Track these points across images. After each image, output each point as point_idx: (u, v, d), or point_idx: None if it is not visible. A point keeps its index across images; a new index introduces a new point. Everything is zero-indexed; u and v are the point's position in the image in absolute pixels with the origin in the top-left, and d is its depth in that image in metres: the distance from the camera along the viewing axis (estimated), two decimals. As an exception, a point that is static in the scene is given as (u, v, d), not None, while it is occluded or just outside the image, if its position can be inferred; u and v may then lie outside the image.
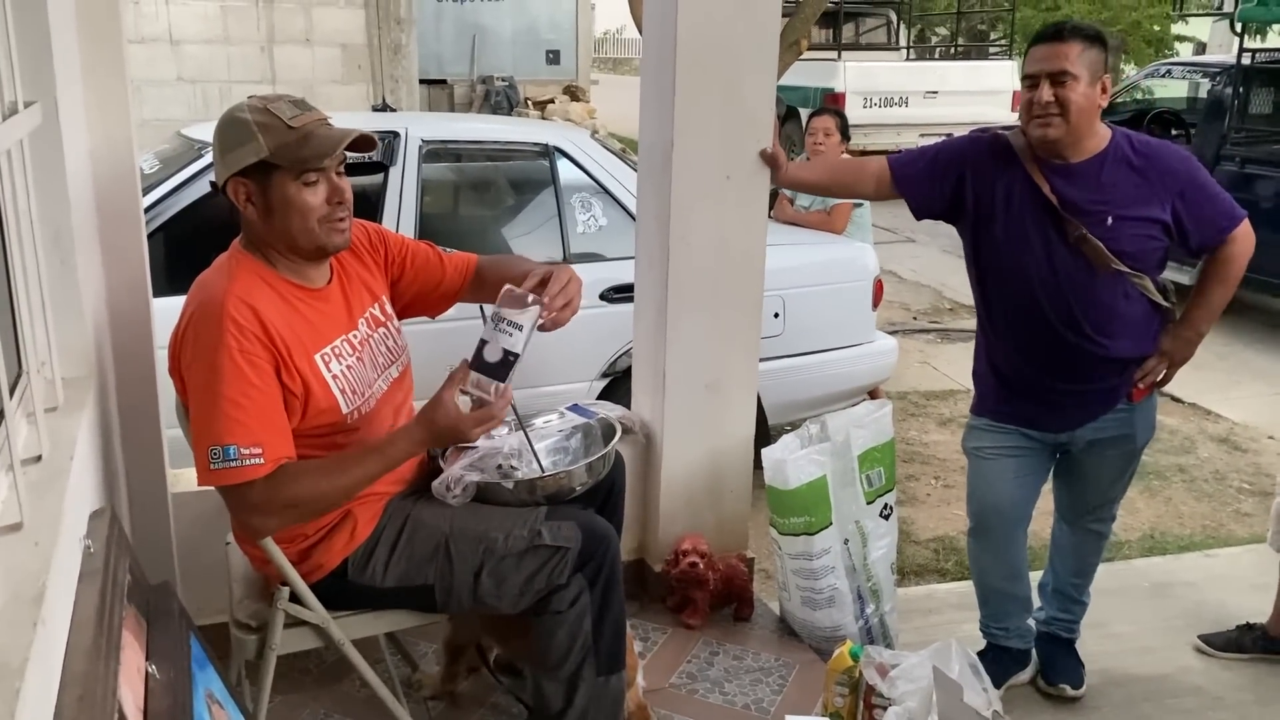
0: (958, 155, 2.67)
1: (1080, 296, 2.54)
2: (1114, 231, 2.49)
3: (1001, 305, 2.68)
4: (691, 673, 2.72)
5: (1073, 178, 2.52)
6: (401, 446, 1.92)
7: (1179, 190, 2.51)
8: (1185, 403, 5.67)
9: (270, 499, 1.82)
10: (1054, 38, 2.46)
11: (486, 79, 13.54)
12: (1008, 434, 2.76)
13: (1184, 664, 3.16)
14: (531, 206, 4.14)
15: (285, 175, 1.87)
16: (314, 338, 1.94)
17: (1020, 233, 2.56)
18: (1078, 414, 2.68)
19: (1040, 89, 2.44)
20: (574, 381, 3.76)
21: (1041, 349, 2.62)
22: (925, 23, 19.78)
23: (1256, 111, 7.69)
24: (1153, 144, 2.57)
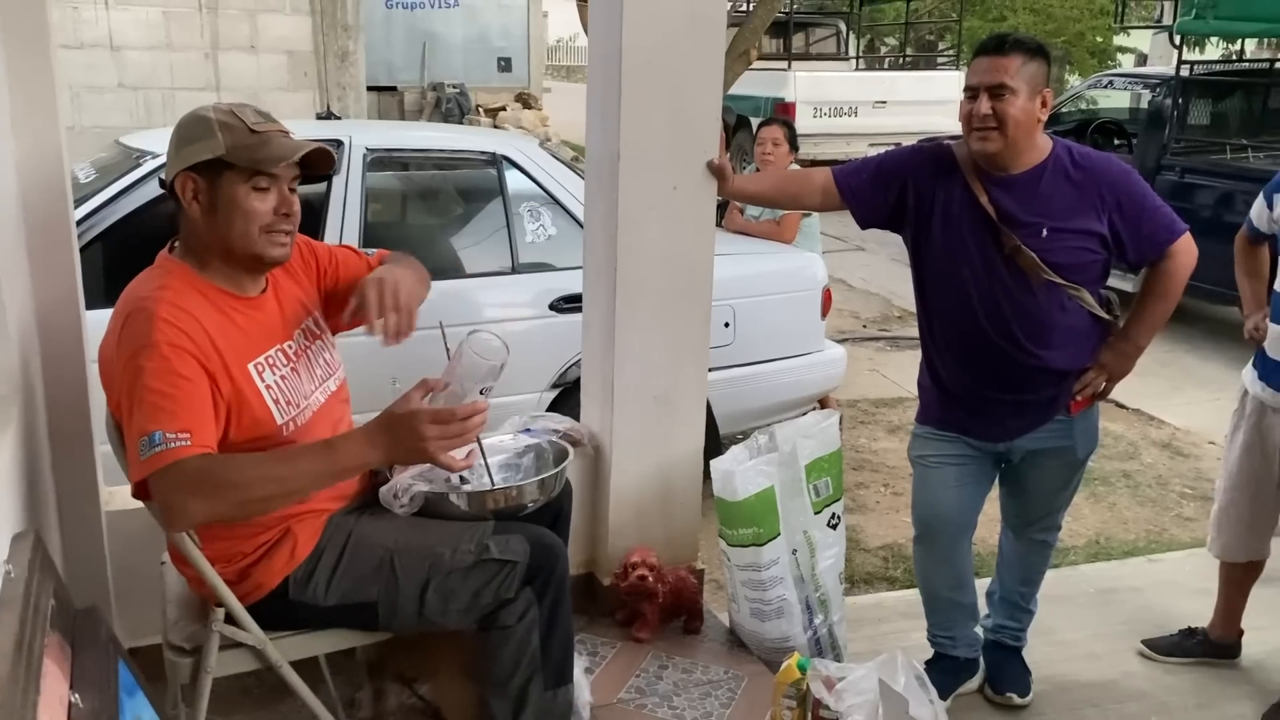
0: (900, 165, 2.69)
1: (1015, 307, 2.55)
2: (1049, 243, 2.51)
3: (941, 314, 2.69)
4: (640, 687, 2.70)
5: (1011, 189, 2.53)
6: (354, 448, 1.78)
7: (1116, 203, 2.53)
8: (1129, 409, 5.76)
9: (199, 480, 1.71)
10: (995, 50, 2.46)
11: (437, 86, 13.46)
12: (951, 442, 2.77)
13: (1128, 669, 3.20)
14: (479, 216, 4.10)
15: (237, 176, 1.86)
16: (247, 346, 1.90)
17: (958, 243, 2.57)
18: (1015, 424, 2.69)
19: (979, 102, 2.46)
20: (524, 393, 3.73)
21: (978, 359, 2.64)
22: (874, 33, 20.00)
23: (1195, 122, 7.85)
24: (1092, 156, 2.59)
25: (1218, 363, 6.48)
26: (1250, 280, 3.13)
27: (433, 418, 1.74)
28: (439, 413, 1.75)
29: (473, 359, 1.85)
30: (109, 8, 9.70)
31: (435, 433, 1.74)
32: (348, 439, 1.81)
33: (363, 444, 1.77)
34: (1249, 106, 8.21)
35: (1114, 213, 2.52)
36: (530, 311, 3.79)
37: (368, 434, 1.78)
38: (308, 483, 1.81)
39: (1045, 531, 2.93)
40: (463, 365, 1.85)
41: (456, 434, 1.76)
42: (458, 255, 4.02)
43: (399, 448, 1.76)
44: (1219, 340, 6.86)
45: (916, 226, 2.65)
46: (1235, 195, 6.51)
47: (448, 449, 1.77)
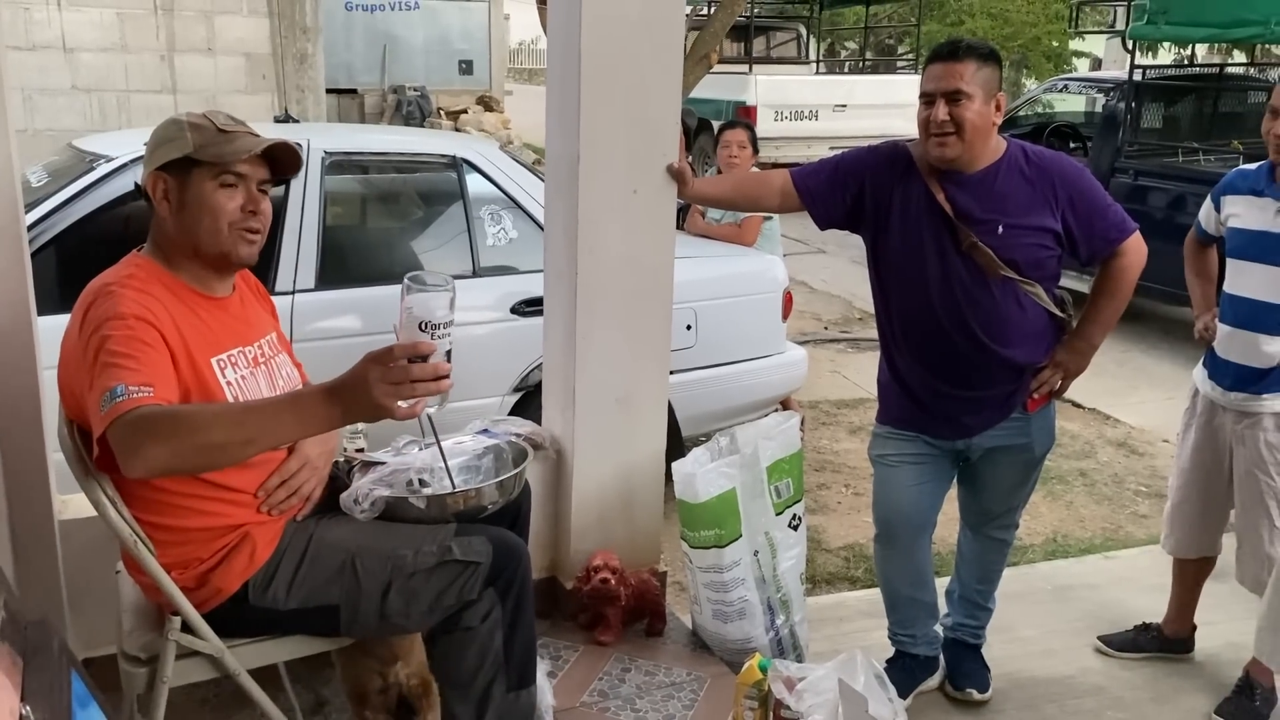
0: (858, 165, 2.72)
1: (972, 303, 2.59)
2: (1005, 240, 2.55)
3: (900, 312, 2.72)
4: (603, 690, 2.70)
5: (967, 187, 2.57)
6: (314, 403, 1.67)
7: (1069, 200, 2.58)
8: (1085, 408, 5.84)
9: (157, 423, 1.64)
10: (949, 57, 2.50)
11: (398, 88, 13.38)
12: (910, 441, 2.80)
13: (1085, 665, 3.24)
14: (440, 219, 4.08)
15: (205, 173, 1.89)
16: (210, 340, 1.91)
17: (916, 240, 2.60)
18: (973, 421, 2.73)
19: (936, 108, 2.49)
20: (486, 397, 3.72)
21: (937, 356, 2.67)
22: (834, 37, 20.15)
23: (1148, 125, 7.99)
24: (1046, 155, 2.64)
25: (1172, 362, 6.58)
26: (1200, 281, 3.19)
27: (375, 358, 1.63)
28: (380, 353, 1.63)
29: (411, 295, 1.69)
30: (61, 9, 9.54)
31: (376, 372, 1.61)
32: (311, 393, 1.70)
33: (321, 398, 1.67)
34: (1199, 110, 8.36)
35: (1067, 209, 2.57)
36: (492, 315, 3.78)
37: (328, 388, 1.67)
38: (267, 432, 1.69)
39: (1003, 529, 2.97)
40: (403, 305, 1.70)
41: (399, 378, 1.61)
42: (418, 259, 4.00)
43: (350, 398, 1.65)
44: (1173, 340, 6.97)
45: (875, 225, 2.68)
46: (1187, 197, 6.62)
47: (392, 395, 1.61)
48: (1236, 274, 2.92)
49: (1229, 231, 2.96)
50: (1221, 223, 3.00)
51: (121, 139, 3.98)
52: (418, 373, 1.61)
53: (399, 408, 1.63)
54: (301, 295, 3.51)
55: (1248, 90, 8.61)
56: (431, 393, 1.65)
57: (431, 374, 1.63)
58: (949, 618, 3.10)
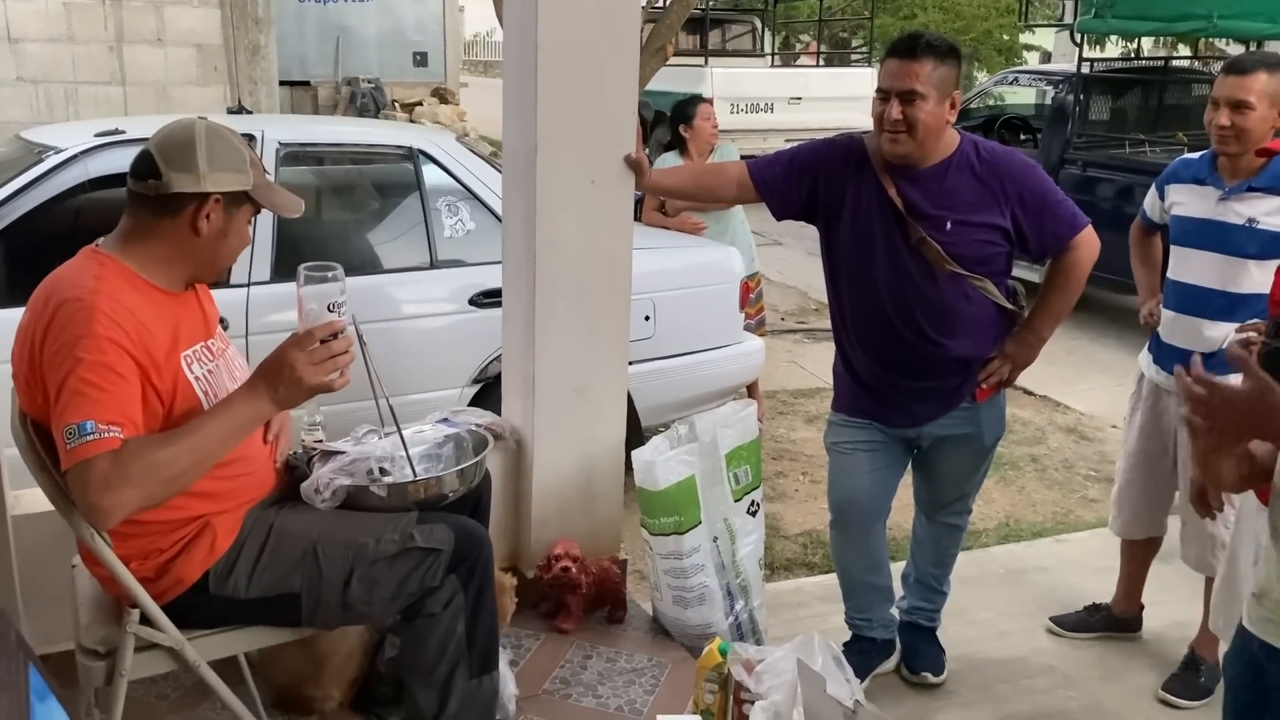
0: (813, 158, 2.75)
1: (920, 297, 2.64)
2: (953, 236, 2.60)
3: (851, 304, 2.76)
4: (565, 677, 2.72)
5: (918, 183, 2.61)
6: (244, 401, 1.85)
7: (1019, 197, 2.62)
8: (1036, 395, 5.95)
9: (123, 470, 1.72)
10: (907, 55, 2.51)
11: (352, 80, 13.23)
12: (863, 429, 2.84)
13: (1037, 645, 3.31)
14: (396, 211, 4.07)
15: (247, 210, 1.96)
16: (178, 337, 1.91)
17: (866, 233, 2.65)
18: (922, 411, 2.78)
19: (890, 106, 2.52)
20: (445, 389, 3.71)
21: (886, 347, 2.71)
22: (789, 30, 20.24)
23: (1096, 118, 8.13)
24: (997, 151, 2.68)
25: (1119, 350, 6.71)
26: (1145, 268, 3.26)
27: (295, 345, 1.83)
28: (299, 339, 1.84)
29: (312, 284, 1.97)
30: (5, -1, 9.35)
31: (301, 358, 1.81)
32: (237, 394, 1.87)
33: (249, 395, 1.86)
34: (1146, 103, 8.53)
35: (1016, 207, 2.62)
36: (450, 307, 3.77)
37: (250, 385, 1.87)
38: (218, 443, 1.84)
39: (956, 515, 3.03)
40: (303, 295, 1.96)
41: (323, 356, 1.83)
42: (375, 251, 3.99)
43: (280, 386, 1.84)
44: (1121, 328, 7.11)
45: (828, 217, 2.72)
46: (1134, 188, 6.75)
47: (321, 373, 1.83)
48: (1180, 261, 2.99)
49: (1173, 219, 3.03)
50: (1166, 211, 3.08)
51: (70, 131, 3.93)
52: (338, 347, 1.85)
53: (334, 380, 1.85)
54: (257, 288, 3.49)
55: (1192, 83, 8.79)
56: (348, 363, 1.88)
57: (346, 345, 1.87)
58: (905, 601, 3.16)
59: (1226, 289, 2.87)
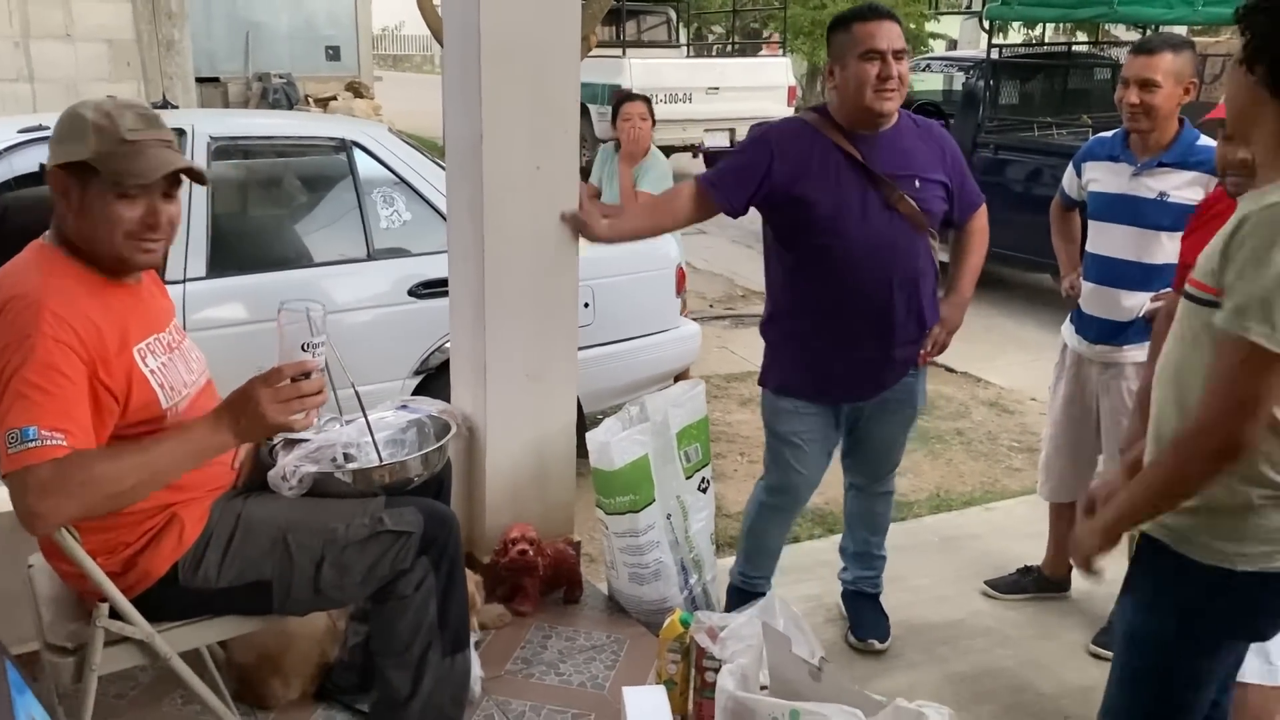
0: (762, 144, 2.78)
1: (899, 258, 2.73)
2: (922, 193, 2.72)
3: (821, 278, 2.76)
4: (526, 658, 2.76)
5: (879, 146, 2.71)
6: (205, 430, 1.81)
7: (952, 159, 2.82)
8: (958, 372, 6.14)
9: (63, 480, 1.69)
10: (890, 16, 2.67)
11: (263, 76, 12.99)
12: (818, 414, 2.91)
13: (974, 608, 3.45)
14: (331, 203, 4.04)
15: (104, 183, 1.82)
16: (130, 331, 1.88)
17: (841, 201, 2.69)
18: (886, 377, 2.87)
19: (889, 64, 2.62)
20: (386, 380, 3.71)
21: (861, 315, 2.76)
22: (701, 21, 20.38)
23: (1006, 102, 8.38)
24: (920, 118, 2.86)
25: (1034, 326, 6.96)
26: (1065, 243, 3.42)
27: (262, 381, 1.79)
28: (267, 375, 1.80)
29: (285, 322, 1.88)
30: (-95, -6, 8.97)
31: (268, 395, 1.77)
32: (200, 422, 1.84)
33: (212, 424, 1.82)
34: (1052, 86, 8.83)
35: (951, 167, 2.80)
36: (389, 298, 3.77)
37: (215, 414, 1.83)
38: (170, 466, 1.81)
39: (889, 481, 3.16)
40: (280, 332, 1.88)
41: (290, 395, 1.78)
42: (311, 244, 3.96)
43: (242, 420, 1.80)
44: (1034, 305, 7.37)
45: (793, 197, 2.71)
46: (1044, 170, 7.00)
47: (286, 412, 1.79)
48: (1097, 234, 3.15)
49: (1090, 195, 3.19)
50: (1083, 188, 3.23)
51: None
52: (307, 388, 1.80)
53: (296, 420, 1.80)
54: (192, 284, 3.45)
55: (1094, 67, 9.12)
56: (319, 404, 1.83)
57: (317, 387, 1.81)
58: (847, 572, 3.27)
59: (1141, 260, 3.03)
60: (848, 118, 2.72)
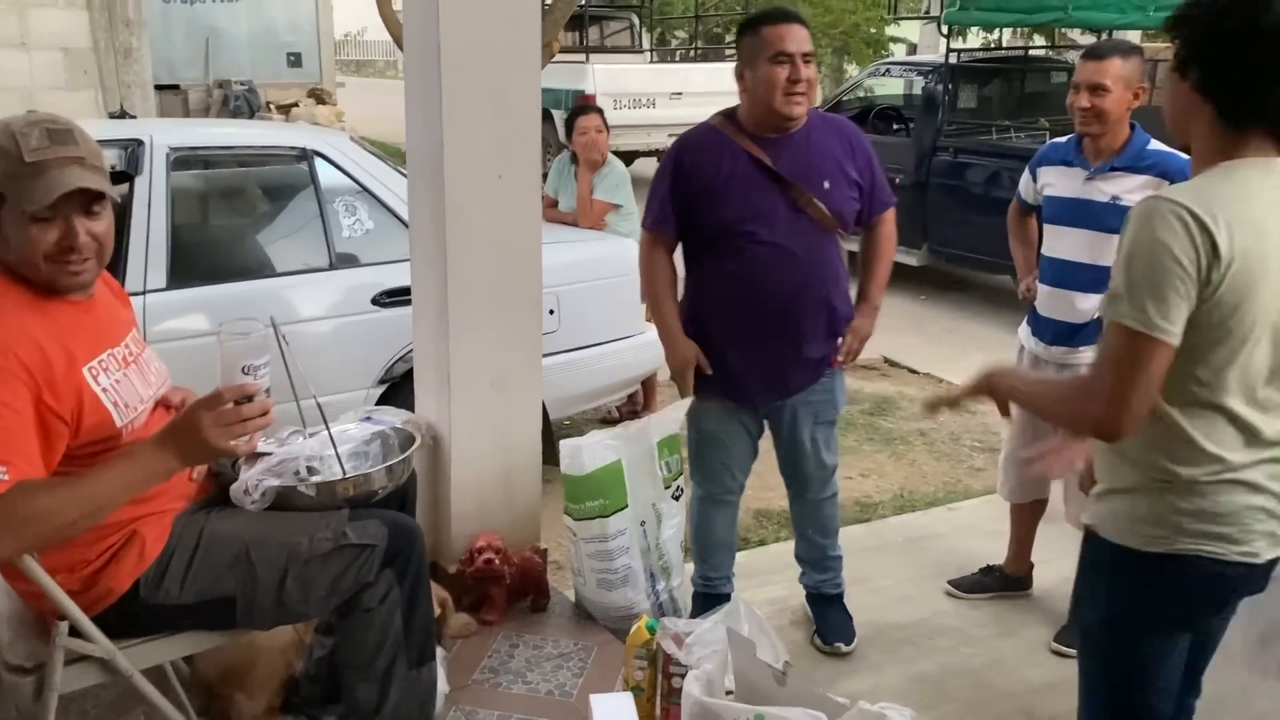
0: (672, 165, 2.83)
1: (808, 261, 2.78)
2: (830, 194, 2.77)
3: (728, 283, 2.81)
4: (494, 667, 2.76)
5: (788, 148, 2.76)
6: (147, 457, 1.77)
7: (866, 157, 2.87)
8: (921, 373, 6.20)
9: (4, 518, 1.65)
10: (799, 20, 2.73)
11: (224, 83, 12.85)
12: (734, 412, 2.96)
13: (938, 608, 3.49)
14: (293, 213, 4.02)
15: (13, 206, 1.77)
16: (79, 350, 1.85)
17: (751, 205, 2.74)
18: (796, 378, 2.91)
19: (798, 67, 2.66)
20: (350, 390, 3.69)
21: (770, 318, 2.80)
22: (665, 26, 20.44)
23: (964, 106, 8.48)
24: (831, 116, 2.91)
25: (995, 326, 7.03)
26: (1021, 247, 3.47)
27: (204, 405, 1.76)
28: (208, 399, 1.77)
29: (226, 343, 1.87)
30: None
31: (208, 419, 1.74)
32: (142, 448, 1.80)
33: (154, 451, 1.77)
34: (1009, 90, 8.94)
35: (863, 166, 2.85)
36: (352, 307, 3.75)
37: (157, 439, 1.79)
38: (114, 495, 1.77)
39: (830, 485, 3.17)
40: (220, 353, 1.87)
41: (231, 419, 1.75)
42: (272, 253, 3.93)
43: (185, 446, 1.77)
44: (996, 306, 7.44)
45: (705, 204, 2.77)
46: (1002, 172, 7.08)
47: (228, 436, 1.76)
48: (1053, 238, 3.20)
49: (1045, 200, 3.24)
50: (1038, 192, 3.28)
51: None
52: (249, 412, 1.76)
53: (239, 445, 1.78)
54: (153, 295, 3.42)
55: (1050, 71, 9.25)
56: (262, 427, 1.81)
57: (260, 410, 1.79)
58: (806, 577, 3.28)
59: (1096, 263, 3.07)
60: (756, 121, 2.77)
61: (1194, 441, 1.68)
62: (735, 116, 2.82)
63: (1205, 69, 1.64)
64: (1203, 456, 1.69)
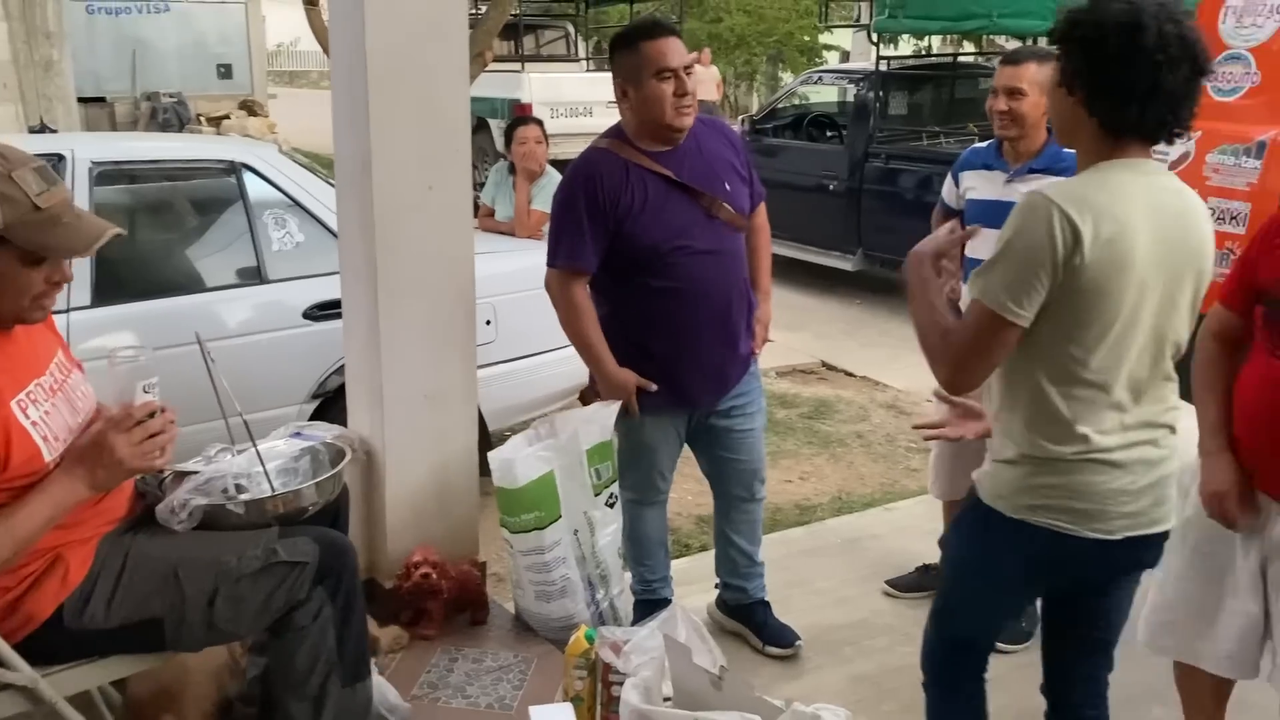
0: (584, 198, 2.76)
1: (732, 262, 2.86)
2: (731, 194, 2.84)
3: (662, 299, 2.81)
4: (433, 682, 2.74)
5: (685, 159, 2.80)
6: (61, 486, 1.79)
7: (744, 152, 2.97)
8: (857, 376, 6.28)
9: None
10: (673, 31, 2.77)
11: (152, 95, 12.61)
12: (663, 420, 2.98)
13: (876, 607, 3.53)
14: (221, 227, 3.96)
15: (13, 253, 1.75)
16: (6, 383, 1.81)
17: (669, 219, 2.76)
18: (733, 373, 2.96)
19: (684, 81, 2.71)
20: (283, 405, 3.65)
21: (707, 323, 2.84)
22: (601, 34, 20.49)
23: (895, 113, 8.62)
24: (704, 117, 2.94)
25: (930, 329, 7.15)
26: (947, 250, 3.54)
27: (112, 426, 1.78)
28: (117, 421, 1.79)
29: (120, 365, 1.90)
30: None
31: (122, 440, 1.78)
32: (55, 479, 1.80)
33: (67, 481, 1.79)
34: (939, 96, 9.11)
35: (744, 162, 2.94)
36: (283, 321, 3.71)
37: (66, 468, 1.80)
38: (32, 531, 1.79)
39: (761, 488, 3.20)
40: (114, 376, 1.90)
41: (142, 437, 1.79)
42: (201, 268, 3.87)
43: (98, 469, 1.79)
44: (930, 309, 7.57)
45: (630, 230, 2.75)
46: (933, 178, 7.19)
47: (144, 455, 1.80)
48: (975, 240, 3.25)
49: (967, 203, 3.31)
50: (961, 196, 3.35)
51: None
52: (157, 427, 1.82)
53: (157, 461, 1.82)
54: (77, 313, 3.35)
55: (979, 77, 9.42)
56: (173, 438, 1.86)
57: (164, 424, 1.84)
58: (739, 590, 3.27)
59: (1016, 264, 3.15)
60: (648, 136, 2.78)
61: (1065, 420, 1.85)
62: (624, 136, 2.83)
63: (1088, 88, 1.80)
64: (1072, 436, 1.85)
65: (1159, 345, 1.87)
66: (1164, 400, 1.91)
